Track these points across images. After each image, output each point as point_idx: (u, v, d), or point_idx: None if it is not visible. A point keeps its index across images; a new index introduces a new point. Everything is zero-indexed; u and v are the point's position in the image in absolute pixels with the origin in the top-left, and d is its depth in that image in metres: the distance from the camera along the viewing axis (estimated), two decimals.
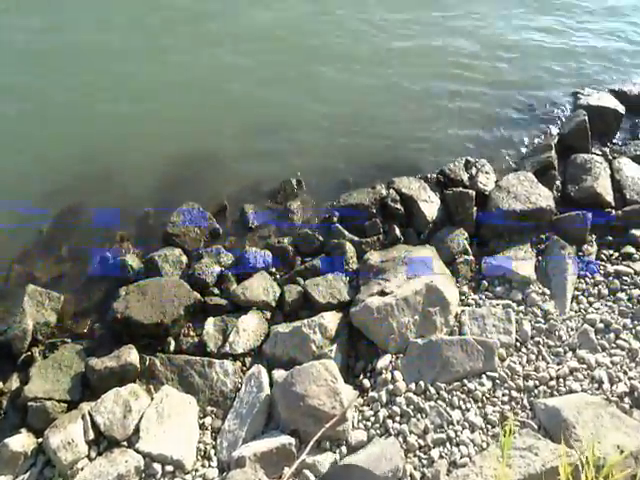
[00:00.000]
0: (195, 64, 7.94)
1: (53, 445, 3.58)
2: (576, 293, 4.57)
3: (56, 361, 4.32)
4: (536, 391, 3.83)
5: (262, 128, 6.91)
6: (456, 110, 7.17)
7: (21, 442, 3.69)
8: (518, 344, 4.20)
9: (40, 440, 3.74)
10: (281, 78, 7.62)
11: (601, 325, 4.25)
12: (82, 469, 3.52)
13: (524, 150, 6.64)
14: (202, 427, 3.89)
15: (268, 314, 4.80)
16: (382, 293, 4.59)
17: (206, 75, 7.76)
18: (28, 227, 5.92)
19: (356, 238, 5.45)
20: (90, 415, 3.80)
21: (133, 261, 5.37)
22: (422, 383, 3.89)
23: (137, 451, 3.61)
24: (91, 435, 3.72)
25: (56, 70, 7.87)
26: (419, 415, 3.70)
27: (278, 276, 5.25)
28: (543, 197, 5.30)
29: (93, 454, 3.67)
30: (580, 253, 4.91)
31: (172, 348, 4.53)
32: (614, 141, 6.51)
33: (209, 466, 3.63)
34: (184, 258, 5.44)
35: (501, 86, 7.53)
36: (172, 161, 6.60)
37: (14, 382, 4.27)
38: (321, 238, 5.50)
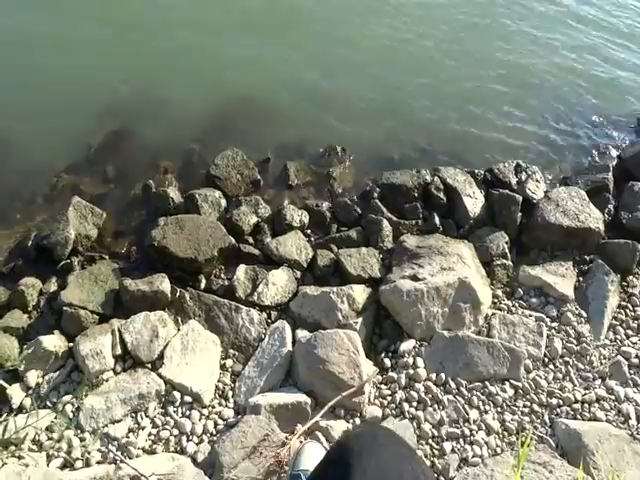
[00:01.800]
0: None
1: (83, 352, 3.81)
2: (614, 322, 4.59)
3: (93, 274, 4.53)
4: (558, 410, 3.91)
5: (319, 93, 6.93)
6: (514, 112, 7.08)
7: (53, 342, 3.93)
8: (546, 359, 4.27)
9: (71, 345, 4.00)
10: (349, 56, 7.52)
11: (636, 360, 4.27)
12: (107, 380, 3.77)
13: (579, 166, 6.58)
14: (223, 368, 4.09)
15: (298, 273, 4.94)
16: (414, 278, 4.69)
17: (288, 25, 7.70)
18: (78, 141, 6.12)
19: (394, 218, 5.52)
20: (119, 332, 4.02)
21: (174, 194, 5.52)
22: (443, 375, 4.02)
23: (160, 376, 3.83)
24: (118, 350, 3.95)
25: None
26: (436, 406, 3.83)
27: (312, 239, 5.37)
28: (593, 218, 5.31)
29: (118, 369, 3.91)
30: (624, 283, 4.92)
31: (202, 286, 4.71)
32: None
33: (226, 406, 3.83)
34: (223, 201, 5.57)
35: (566, 96, 7.40)
36: (224, 104, 6.69)
37: (52, 285, 4.52)
38: (359, 210, 5.59)
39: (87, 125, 6.29)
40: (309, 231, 5.44)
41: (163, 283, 4.46)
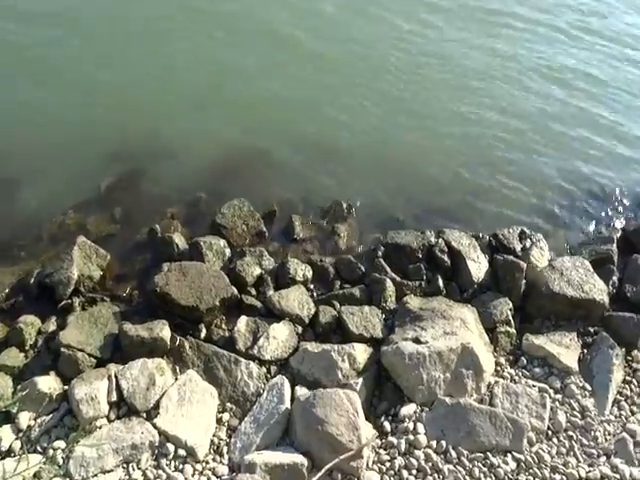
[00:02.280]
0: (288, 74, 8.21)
1: (77, 396, 3.80)
2: (618, 397, 4.62)
3: (93, 316, 4.57)
4: None
5: (326, 148, 7.17)
6: (521, 178, 7.26)
7: (48, 384, 3.93)
8: (550, 432, 4.26)
9: (66, 387, 3.99)
10: (356, 109, 7.83)
11: None
12: (100, 427, 3.74)
13: (584, 236, 6.70)
14: (219, 421, 4.06)
15: (299, 328, 4.98)
16: (417, 340, 4.73)
17: (294, 87, 8.01)
18: (88, 181, 6.30)
19: (398, 278, 5.60)
20: (116, 377, 4.03)
21: (179, 240, 5.63)
22: (444, 443, 4.00)
23: (154, 426, 3.81)
24: (114, 397, 3.94)
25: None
26: (436, 475, 3.81)
27: (315, 294, 5.43)
28: (597, 289, 5.40)
29: (113, 416, 3.89)
30: (629, 358, 4.96)
31: (203, 335, 4.74)
32: None
33: (220, 462, 3.79)
34: (227, 251, 5.68)
35: (572, 166, 7.61)
36: (233, 154, 6.93)
37: (52, 325, 4.56)
38: (363, 268, 5.69)
39: (97, 166, 6.50)
40: (312, 286, 5.51)
41: (163, 330, 4.49)
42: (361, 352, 4.64)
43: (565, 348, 4.90)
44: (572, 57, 9.53)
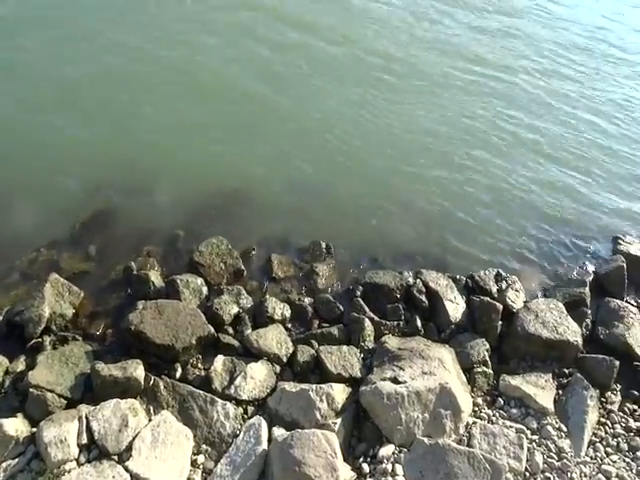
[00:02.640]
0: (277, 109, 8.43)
1: (46, 439, 3.69)
2: (594, 439, 4.70)
3: (64, 355, 4.49)
4: None
5: (306, 186, 7.33)
6: (495, 222, 7.48)
7: (15, 426, 3.81)
8: (527, 474, 4.30)
9: (34, 430, 3.86)
10: (335, 151, 8.02)
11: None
12: (69, 471, 3.62)
13: (558, 279, 6.88)
14: (194, 464, 3.99)
15: (277, 368, 4.97)
16: (395, 380, 4.76)
17: (274, 121, 8.24)
18: (63, 218, 6.27)
19: (376, 318, 5.68)
20: (87, 419, 3.94)
21: (155, 278, 5.62)
22: None
23: (126, 469, 3.71)
24: (84, 439, 3.84)
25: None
26: None
27: (293, 333, 5.45)
28: (571, 331, 5.56)
29: (83, 459, 3.78)
30: (603, 399, 5.08)
31: (178, 375, 4.69)
32: None
33: None
34: (205, 289, 5.69)
35: (545, 210, 7.88)
36: (213, 193, 7.02)
37: (20, 364, 4.45)
38: (342, 308, 5.75)
39: (72, 202, 6.49)
40: (290, 325, 5.53)
41: (137, 370, 4.43)
42: (339, 392, 4.65)
43: (541, 389, 4.99)
44: (530, 103, 9.99)
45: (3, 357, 4.43)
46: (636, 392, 5.23)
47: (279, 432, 4.18)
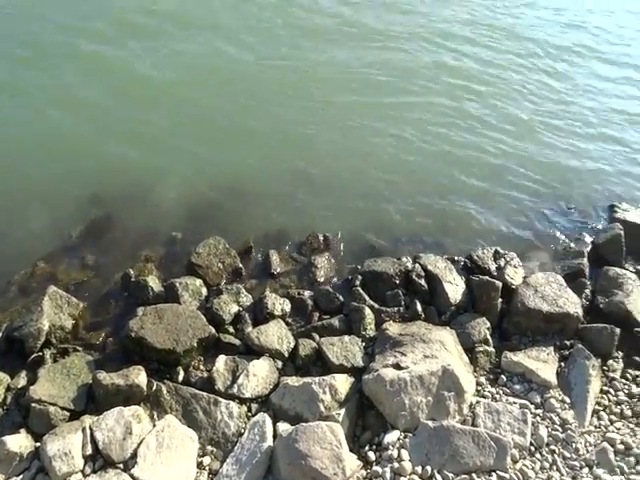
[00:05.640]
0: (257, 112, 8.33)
1: (50, 452, 3.66)
2: (597, 408, 4.65)
3: (65, 367, 4.45)
4: None
5: (301, 180, 7.27)
6: (491, 200, 7.41)
7: (19, 442, 3.78)
8: (532, 448, 4.25)
9: (38, 444, 3.84)
10: (326, 141, 7.96)
11: (621, 446, 4.28)
12: None
13: (555, 252, 6.81)
14: (200, 466, 3.95)
15: (279, 363, 4.93)
16: (397, 366, 4.71)
17: (268, 123, 8.13)
18: (59, 229, 6.23)
19: (376, 305, 5.62)
20: (91, 429, 3.91)
21: (154, 283, 5.58)
22: (429, 468, 3.95)
23: (132, 477, 3.68)
24: (89, 450, 3.80)
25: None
26: None
27: (294, 327, 5.40)
28: (571, 303, 5.47)
29: (88, 470, 3.75)
30: (605, 367, 5.02)
31: (180, 378, 4.65)
32: None
33: None
34: (204, 290, 5.64)
35: (539, 185, 7.79)
36: (207, 193, 6.96)
37: (21, 380, 4.41)
38: (341, 298, 5.68)
39: (68, 213, 6.44)
40: (291, 320, 5.47)
41: (139, 376, 4.39)
42: (342, 382, 4.60)
43: (543, 363, 4.93)
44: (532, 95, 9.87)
45: (4, 374, 4.40)
46: (638, 358, 5.15)
47: (284, 427, 4.14)
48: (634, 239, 6.57)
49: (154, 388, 4.41)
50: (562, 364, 5.05)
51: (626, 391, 4.80)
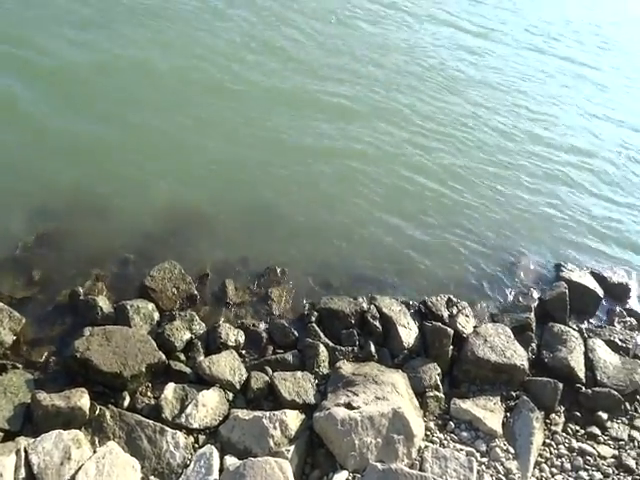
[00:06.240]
0: (218, 132, 8.38)
1: None
2: (539, 459, 4.80)
3: (2, 385, 4.24)
4: None
5: (261, 210, 7.31)
6: (447, 248, 7.65)
7: None
8: None
9: None
10: (289, 176, 8.01)
11: None
12: None
13: (505, 304, 7.06)
14: None
15: (230, 395, 4.86)
16: (349, 406, 4.73)
17: (229, 151, 8.13)
18: (4, 241, 5.96)
19: (331, 343, 5.67)
20: (26, 452, 3.70)
21: (104, 303, 5.44)
22: None
23: None
24: (22, 474, 3.60)
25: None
26: None
27: (247, 359, 5.35)
28: (518, 355, 5.70)
29: None
30: (547, 420, 5.21)
31: (126, 404, 4.50)
32: (590, 321, 7.04)
33: None
34: (156, 314, 5.54)
35: (494, 237, 8.11)
36: (165, 217, 6.86)
37: None
38: (296, 333, 5.71)
39: (15, 223, 6.19)
40: (244, 351, 5.42)
41: (82, 399, 4.22)
42: (293, 419, 4.57)
43: (490, 412, 5.09)
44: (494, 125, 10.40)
45: None
46: (578, 414, 5.40)
47: (231, 461, 4.06)
48: (577, 298, 6.93)
49: (97, 412, 4.25)
50: (508, 414, 5.21)
51: (567, 445, 5.00)
